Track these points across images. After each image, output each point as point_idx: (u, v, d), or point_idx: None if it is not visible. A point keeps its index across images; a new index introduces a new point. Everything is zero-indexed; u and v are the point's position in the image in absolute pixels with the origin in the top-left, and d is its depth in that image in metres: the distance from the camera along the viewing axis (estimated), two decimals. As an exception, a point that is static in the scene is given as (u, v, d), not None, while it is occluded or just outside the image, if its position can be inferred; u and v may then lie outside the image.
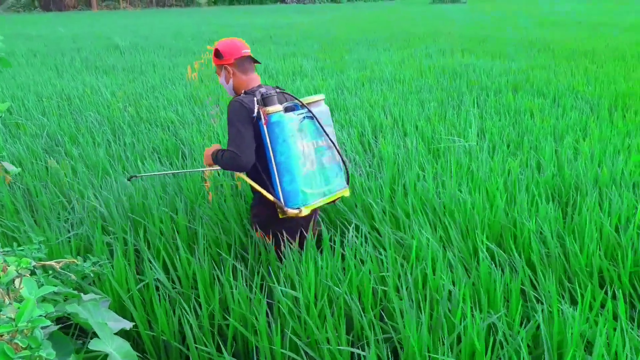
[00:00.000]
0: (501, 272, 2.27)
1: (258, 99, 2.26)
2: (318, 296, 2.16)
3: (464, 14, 24.79)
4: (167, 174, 3.47)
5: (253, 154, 2.28)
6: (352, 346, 2.08)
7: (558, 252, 2.48)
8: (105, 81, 7.94)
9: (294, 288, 2.25)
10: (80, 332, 2.12)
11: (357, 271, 2.24)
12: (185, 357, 2.14)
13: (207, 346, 2.04)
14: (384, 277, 2.32)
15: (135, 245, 2.77)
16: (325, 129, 2.38)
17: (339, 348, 1.91)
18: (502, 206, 2.84)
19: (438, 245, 2.52)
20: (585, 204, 2.86)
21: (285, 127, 2.24)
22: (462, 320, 1.97)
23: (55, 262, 1.75)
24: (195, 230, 2.83)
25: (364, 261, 2.37)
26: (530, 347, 2.02)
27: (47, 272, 1.87)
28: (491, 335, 2.00)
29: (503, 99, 5.87)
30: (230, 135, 2.28)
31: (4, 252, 1.89)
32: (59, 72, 9.17)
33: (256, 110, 2.25)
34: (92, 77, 8.50)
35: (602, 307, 2.23)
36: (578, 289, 2.19)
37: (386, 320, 2.13)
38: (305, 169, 2.30)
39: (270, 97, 2.26)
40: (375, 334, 2.02)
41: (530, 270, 2.41)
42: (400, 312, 2.03)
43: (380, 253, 2.54)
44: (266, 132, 2.25)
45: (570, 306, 2.12)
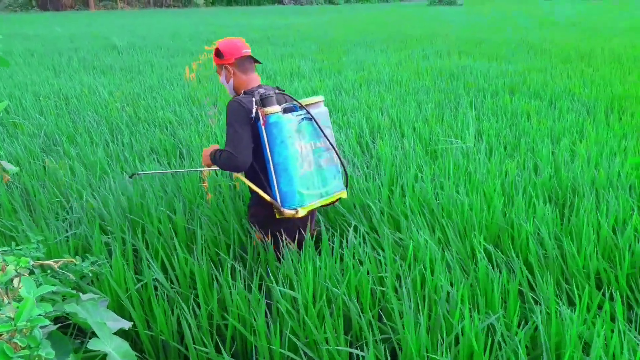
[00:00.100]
0: (499, 273, 2.28)
1: (257, 100, 2.26)
2: (317, 296, 2.16)
3: (461, 16, 24.87)
4: (168, 173, 3.48)
5: (250, 155, 2.28)
6: (350, 346, 2.08)
7: (555, 253, 2.49)
8: (102, 81, 7.92)
9: (292, 288, 2.25)
10: (79, 332, 2.12)
11: (355, 272, 2.24)
12: (183, 356, 2.14)
13: (205, 346, 2.04)
14: (382, 277, 2.33)
15: (133, 245, 2.77)
16: (323, 130, 2.39)
17: (338, 348, 1.91)
18: (500, 207, 2.85)
19: (436, 246, 2.52)
20: (582, 206, 2.87)
21: (284, 128, 2.24)
22: (460, 321, 1.97)
23: (53, 261, 1.75)
24: (193, 230, 2.83)
25: (363, 262, 2.37)
26: (528, 348, 2.03)
27: (45, 271, 1.86)
28: (489, 336, 2.00)
29: (500, 101, 5.89)
30: (227, 136, 2.28)
31: (3, 251, 1.88)
32: (57, 72, 9.14)
33: (254, 110, 2.25)
34: (90, 76, 8.48)
35: (599, 308, 2.24)
36: (576, 290, 2.20)
37: (385, 320, 2.14)
38: (303, 170, 2.30)
39: (269, 97, 2.26)
40: (373, 334, 2.02)
41: (528, 271, 2.42)
42: (399, 313, 2.04)
43: (378, 254, 2.54)
44: (264, 132, 2.25)
45: (568, 307, 2.13)
